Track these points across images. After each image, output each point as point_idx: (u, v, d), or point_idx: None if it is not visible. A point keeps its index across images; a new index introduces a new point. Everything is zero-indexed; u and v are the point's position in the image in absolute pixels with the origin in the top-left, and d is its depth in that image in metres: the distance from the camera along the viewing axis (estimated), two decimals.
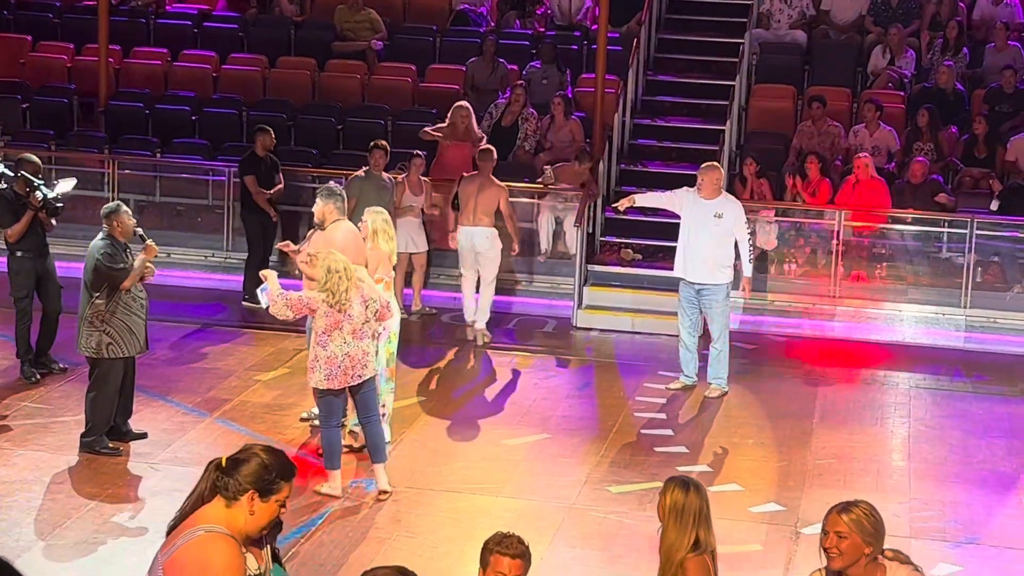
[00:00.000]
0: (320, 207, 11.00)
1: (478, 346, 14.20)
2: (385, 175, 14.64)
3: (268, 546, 5.37)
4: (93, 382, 10.70)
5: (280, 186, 15.36)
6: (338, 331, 9.77)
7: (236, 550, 5.03)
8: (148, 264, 10.67)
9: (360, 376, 9.87)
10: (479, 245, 14.33)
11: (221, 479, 5.11)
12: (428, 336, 14.61)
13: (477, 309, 14.43)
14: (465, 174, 14.67)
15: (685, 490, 6.43)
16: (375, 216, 11.15)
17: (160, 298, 13.04)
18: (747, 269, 12.83)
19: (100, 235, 10.67)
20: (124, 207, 10.83)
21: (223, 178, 16.58)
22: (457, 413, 11.87)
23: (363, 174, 14.57)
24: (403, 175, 15.09)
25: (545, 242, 16.13)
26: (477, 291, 14.47)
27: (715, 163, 13.22)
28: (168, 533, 5.17)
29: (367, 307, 9.80)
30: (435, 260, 15.58)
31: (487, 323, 14.46)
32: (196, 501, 5.16)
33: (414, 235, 15.05)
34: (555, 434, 11.66)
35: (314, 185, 16.59)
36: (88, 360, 10.76)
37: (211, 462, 5.16)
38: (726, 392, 12.81)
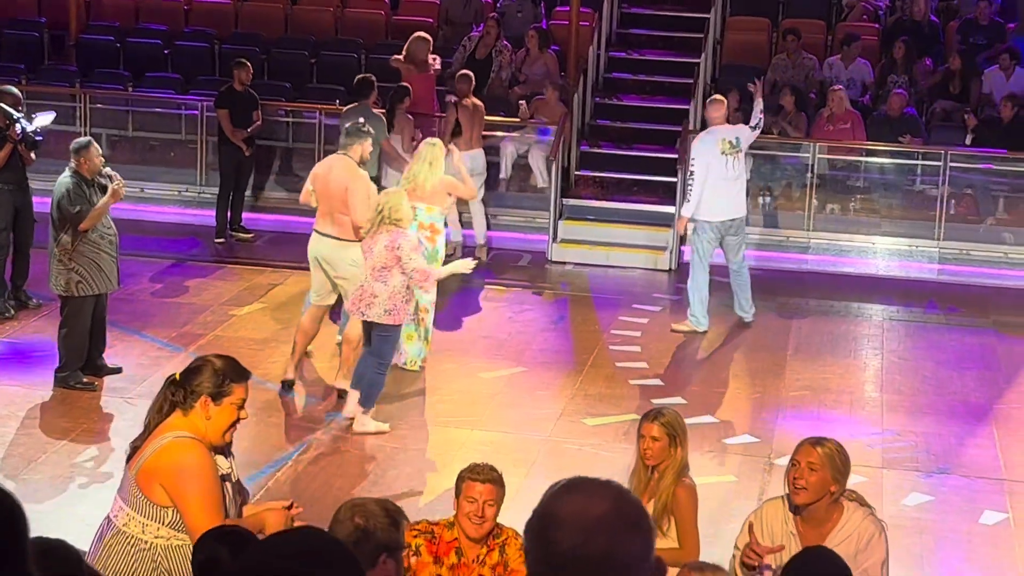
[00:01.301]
0: (360, 145, 10.90)
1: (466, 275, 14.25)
2: (376, 110, 14.54)
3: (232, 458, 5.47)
4: (64, 319, 10.66)
5: (258, 123, 15.27)
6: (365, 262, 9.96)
7: (205, 451, 5.18)
8: (117, 189, 10.48)
9: (363, 313, 9.88)
10: (480, 167, 14.68)
11: (176, 392, 5.25)
12: None
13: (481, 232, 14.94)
14: (451, 101, 14.85)
15: (661, 418, 6.51)
16: (431, 148, 11.36)
17: (134, 233, 13.00)
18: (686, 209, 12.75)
19: (67, 171, 10.57)
20: (95, 145, 10.71)
21: (195, 112, 16.48)
22: (432, 347, 11.87)
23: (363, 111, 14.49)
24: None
25: (505, 172, 16.08)
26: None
27: (720, 96, 13.24)
28: (131, 451, 5.30)
29: (401, 262, 9.78)
30: None
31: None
32: (155, 416, 5.32)
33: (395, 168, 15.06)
34: (531, 367, 11.70)
35: (287, 119, 16.56)
36: (59, 297, 10.72)
37: (168, 378, 5.31)
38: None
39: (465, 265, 10.30)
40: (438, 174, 11.29)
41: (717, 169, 12.53)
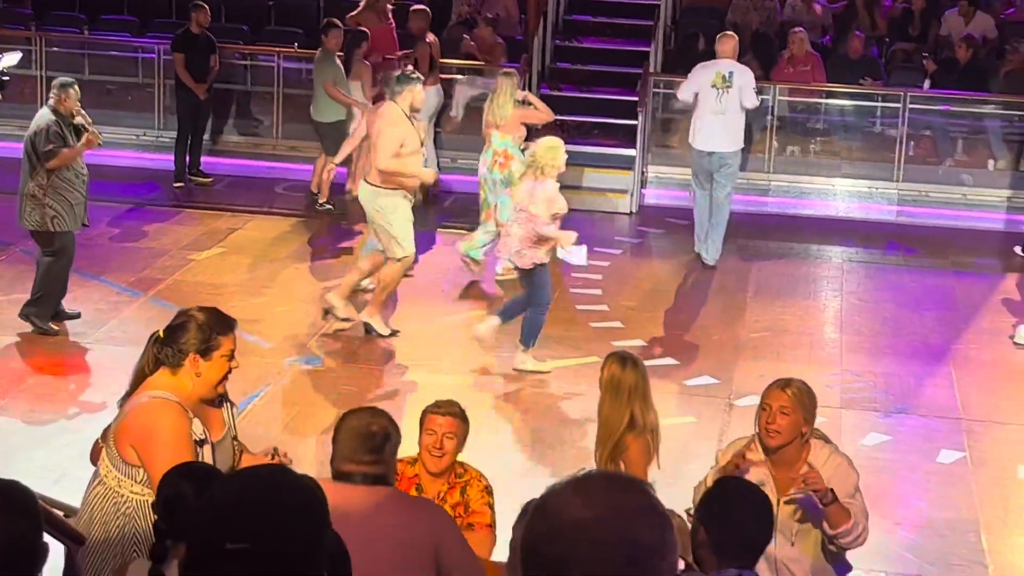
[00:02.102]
0: (410, 92, 10.78)
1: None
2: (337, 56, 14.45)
3: (229, 404, 5.42)
4: (50, 253, 10.47)
5: (216, 68, 15.16)
6: None
7: (181, 414, 5.09)
8: (92, 139, 10.39)
9: (503, 254, 10.41)
10: (435, 105, 14.92)
11: (162, 350, 5.16)
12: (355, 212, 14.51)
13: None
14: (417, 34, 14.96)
15: (623, 365, 6.53)
16: (507, 79, 12.33)
17: (92, 178, 12.86)
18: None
19: (46, 108, 10.45)
20: (76, 88, 10.57)
21: (152, 56, 16.32)
22: (395, 290, 11.84)
23: (320, 55, 14.41)
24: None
25: (455, 111, 15.94)
26: None
27: (732, 32, 13.51)
28: (119, 407, 5.26)
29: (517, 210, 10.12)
30: None
31: None
32: (139, 375, 5.24)
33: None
34: (492, 310, 11.68)
35: (245, 63, 16.40)
36: (33, 234, 10.58)
37: (151, 336, 5.20)
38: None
39: (568, 239, 10.22)
40: (510, 105, 12.22)
41: (706, 101, 12.86)
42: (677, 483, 6.99)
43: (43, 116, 10.39)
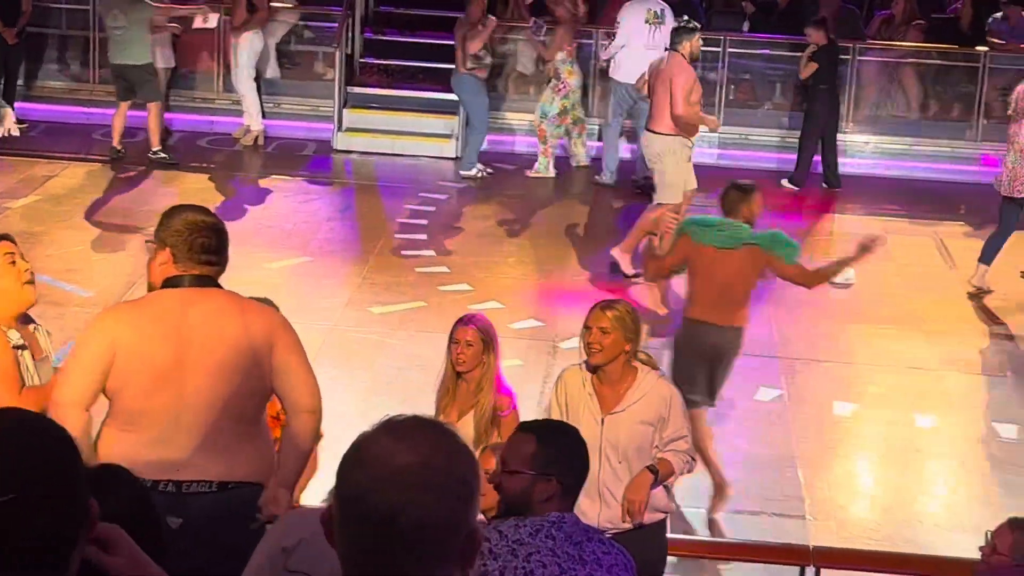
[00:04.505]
0: (690, 42, 11.40)
1: (239, 173, 14.04)
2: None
3: (46, 332, 5.44)
4: None
5: (27, 11, 14.74)
6: None
7: None
8: None
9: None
10: (258, 47, 14.89)
11: None
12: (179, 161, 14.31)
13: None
14: None
15: (467, 322, 6.45)
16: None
17: None
18: None
19: None
20: None
21: None
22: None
23: None
24: None
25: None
26: None
27: None
28: None
29: None
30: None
31: None
32: None
33: (166, 50, 14.71)
34: (317, 256, 11.62)
35: (60, 6, 15.95)
36: None
37: None
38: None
39: None
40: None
41: (640, 37, 13.50)
42: None
43: None
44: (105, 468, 3.32)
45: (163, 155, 13.89)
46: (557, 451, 4.32)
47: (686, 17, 12.29)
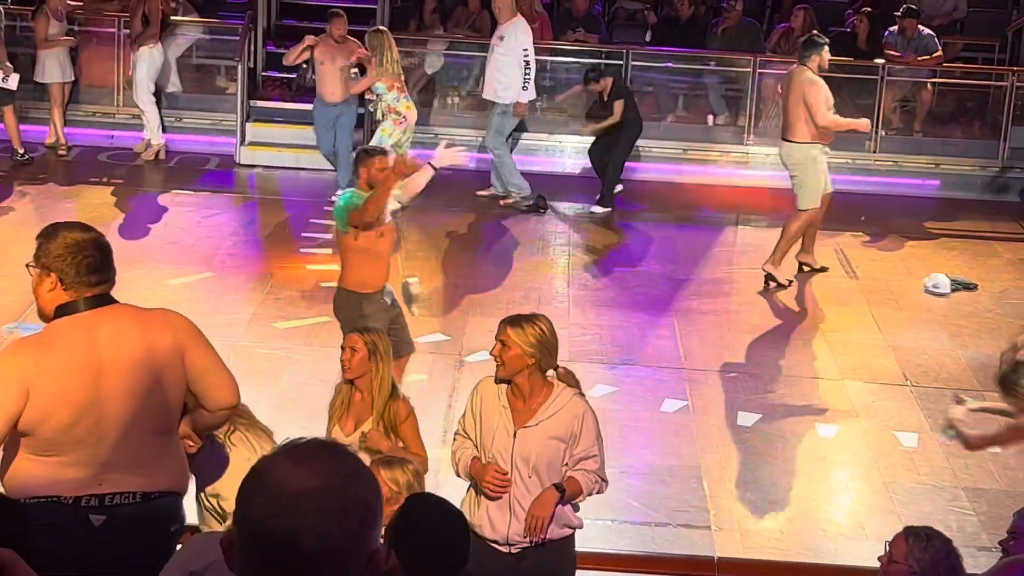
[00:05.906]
0: (819, 56, 11.71)
1: (140, 188, 13.90)
2: None
3: None
4: None
5: None
6: None
7: None
8: None
9: None
10: (159, 63, 14.83)
11: None
12: (77, 174, 14.13)
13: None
14: None
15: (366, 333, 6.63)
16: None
17: None
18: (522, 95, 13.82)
19: None
20: None
21: None
22: (116, 255, 11.57)
23: None
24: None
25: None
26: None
27: None
28: None
29: None
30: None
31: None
32: None
33: (65, 63, 14.61)
34: (220, 272, 11.53)
35: None
36: None
37: None
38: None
39: None
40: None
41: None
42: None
43: None
44: None
45: (27, 157, 14.13)
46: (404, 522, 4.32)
47: (815, 32, 12.62)
